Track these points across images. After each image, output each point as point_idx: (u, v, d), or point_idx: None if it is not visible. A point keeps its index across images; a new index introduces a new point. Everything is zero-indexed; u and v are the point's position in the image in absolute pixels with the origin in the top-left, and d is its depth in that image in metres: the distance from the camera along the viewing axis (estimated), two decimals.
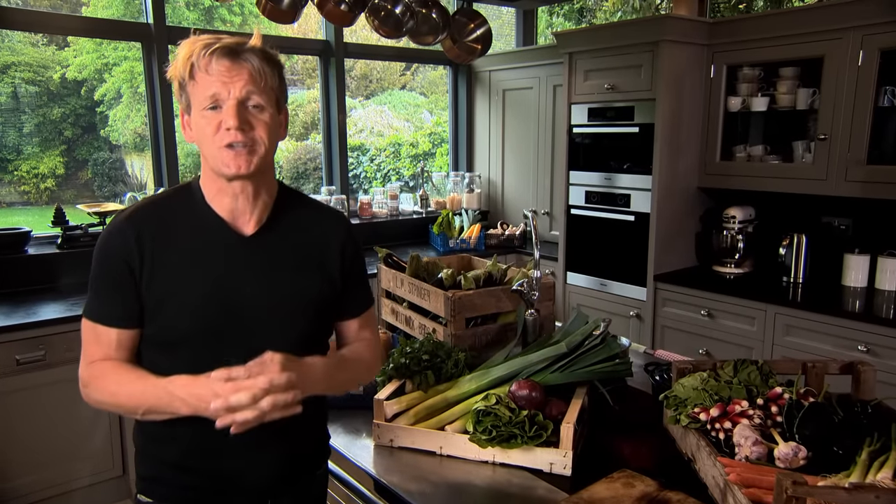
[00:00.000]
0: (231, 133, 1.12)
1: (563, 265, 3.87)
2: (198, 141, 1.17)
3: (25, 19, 3.23)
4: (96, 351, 1.20)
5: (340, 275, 1.31)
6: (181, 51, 1.14)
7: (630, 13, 7.58)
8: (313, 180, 6.82)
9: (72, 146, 7.19)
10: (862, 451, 1.18)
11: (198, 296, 1.17)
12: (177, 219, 1.20)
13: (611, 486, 1.29)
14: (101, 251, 1.19)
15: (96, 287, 1.20)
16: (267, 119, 1.16)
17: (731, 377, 1.43)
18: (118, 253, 1.16)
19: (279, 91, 1.19)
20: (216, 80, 1.12)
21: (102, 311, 1.19)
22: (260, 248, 1.22)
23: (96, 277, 1.20)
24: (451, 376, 1.61)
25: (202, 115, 1.14)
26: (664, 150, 3.28)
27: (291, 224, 1.27)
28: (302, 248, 1.27)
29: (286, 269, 1.24)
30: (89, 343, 1.21)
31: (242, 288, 1.19)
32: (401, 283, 2.08)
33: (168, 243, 1.18)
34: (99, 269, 1.19)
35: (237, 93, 1.12)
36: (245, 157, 1.14)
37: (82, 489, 2.82)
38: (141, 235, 1.16)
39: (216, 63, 1.12)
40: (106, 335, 1.19)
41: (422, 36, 3.80)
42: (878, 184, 2.81)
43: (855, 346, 2.70)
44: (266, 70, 1.15)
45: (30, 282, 3.12)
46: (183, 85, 1.15)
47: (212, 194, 1.21)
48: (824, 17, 2.88)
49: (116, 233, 1.17)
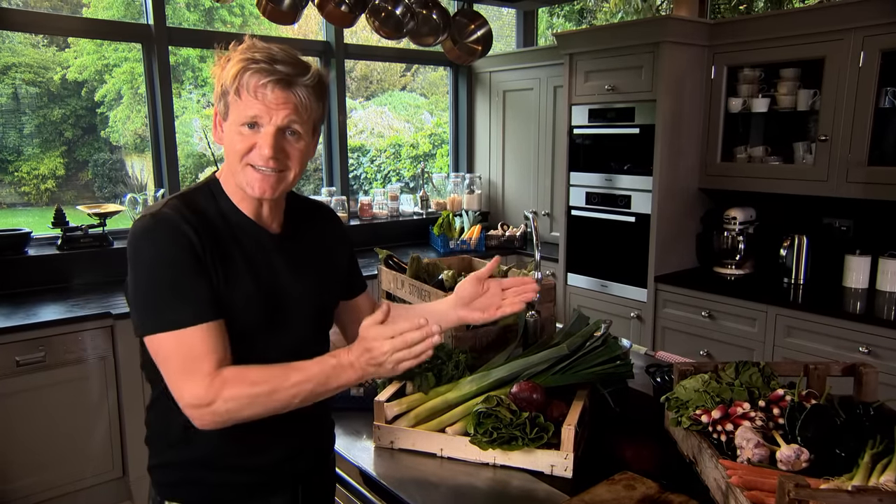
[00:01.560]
0: (264, 160, 1.11)
1: (564, 266, 3.86)
2: (226, 150, 1.15)
3: (26, 20, 3.23)
4: (203, 361, 1.06)
5: (347, 263, 1.40)
6: (234, 58, 1.10)
7: (631, 14, 7.58)
8: (313, 181, 6.82)
9: (72, 147, 7.19)
10: (864, 454, 1.17)
11: (252, 291, 1.15)
12: (211, 216, 1.17)
13: (612, 489, 1.28)
14: (160, 247, 1.08)
15: (171, 287, 1.07)
16: (302, 147, 1.16)
17: (732, 379, 1.43)
18: (183, 244, 1.08)
19: (319, 119, 1.19)
20: (261, 104, 1.10)
21: (191, 310, 1.07)
22: (287, 246, 1.25)
23: (168, 276, 1.07)
24: (451, 378, 1.61)
25: (238, 130, 1.12)
26: (665, 152, 3.28)
27: (302, 223, 1.31)
28: (316, 244, 1.32)
29: (310, 265, 1.28)
30: (184, 359, 1.06)
31: (282, 284, 1.21)
32: (401, 285, 2.07)
33: (215, 238, 1.14)
34: (169, 266, 1.08)
35: (279, 121, 1.11)
36: (271, 184, 1.14)
37: (82, 490, 2.82)
38: (195, 228, 1.10)
39: (269, 91, 1.09)
40: (202, 334, 1.07)
41: (422, 37, 3.80)
42: (878, 185, 2.81)
43: (856, 348, 2.69)
44: (312, 105, 1.14)
45: (30, 283, 3.12)
46: (226, 94, 1.12)
47: (236, 199, 1.20)
48: (825, 18, 2.88)
49: (175, 227, 1.09)
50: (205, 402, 1.05)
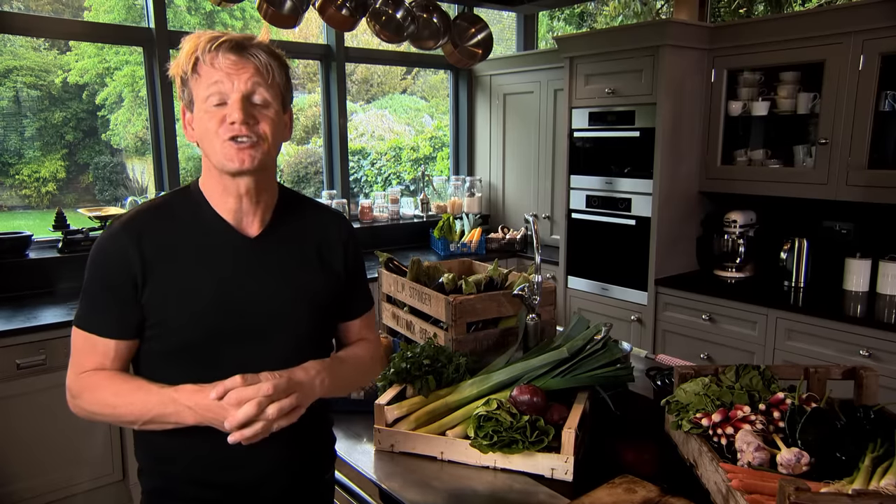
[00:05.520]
0: (235, 127, 1.10)
1: (564, 269, 3.86)
2: (200, 138, 1.14)
3: (27, 24, 3.24)
4: (89, 361, 1.16)
5: (344, 273, 1.31)
6: (185, 45, 1.12)
7: (631, 18, 7.59)
8: (314, 184, 6.83)
9: (73, 150, 7.19)
10: (865, 457, 1.17)
11: (205, 300, 1.14)
12: (179, 223, 1.18)
13: (612, 492, 1.28)
14: (97, 259, 1.15)
15: (92, 296, 1.16)
16: (272, 115, 1.14)
17: (732, 382, 1.43)
18: (116, 260, 1.13)
19: (285, 89, 1.18)
20: (221, 73, 1.10)
21: (98, 322, 1.15)
22: (265, 249, 1.21)
23: (91, 286, 1.16)
24: (452, 381, 1.61)
25: (205, 110, 1.12)
26: (665, 155, 3.29)
27: (294, 225, 1.26)
28: (306, 248, 1.26)
29: (292, 270, 1.23)
30: (81, 353, 1.17)
31: (250, 290, 1.17)
32: (402, 288, 2.07)
33: (171, 248, 1.15)
34: (94, 278, 1.15)
35: (242, 86, 1.10)
36: (249, 152, 1.12)
37: (82, 494, 2.81)
38: (141, 241, 1.13)
39: (222, 57, 1.10)
40: (102, 345, 1.15)
41: (423, 40, 3.80)
42: (879, 188, 2.81)
43: (856, 351, 2.69)
44: (273, 66, 1.13)
45: (31, 286, 3.12)
46: (185, 80, 1.13)
47: (215, 197, 1.19)
48: (825, 21, 2.89)
49: (113, 240, 1.14)
50: (73, 395, 1.17)
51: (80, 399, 1.16)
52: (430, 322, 1.94)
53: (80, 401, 1.16)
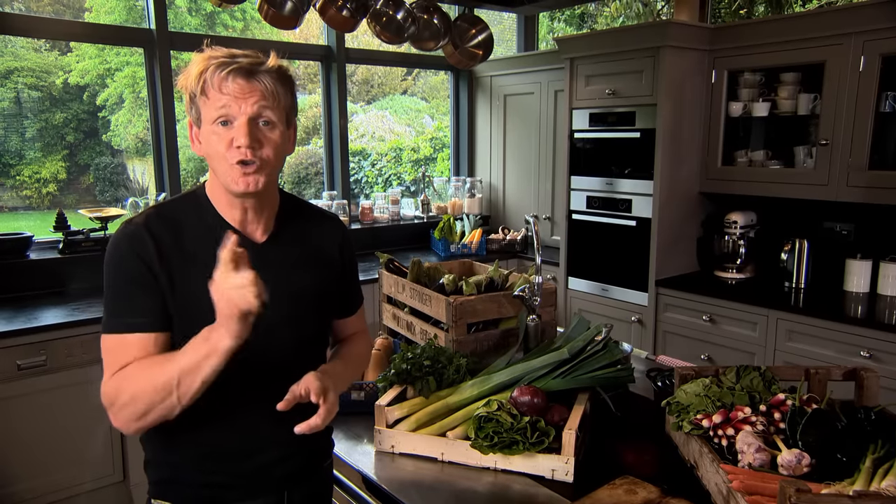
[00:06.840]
0: (242, 151, 1.13)
1: (565, 270, 3.86)
2: (207, 155, 1.18)
3: (28, 25, 3.24)
4: (123, 362, 1.12)
5: (342, 273, 1.39)
6: (194, 66, 1.14)
7: (631, 18, 7.59)
8: (315, 185, 6.83)
9: (74, 151, 7.20)
10: (866, 458, 1.17)
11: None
12: (189, 227, 1.20)
13: (613, 493, 1.28)
14: (115, 257, 1.15)
15: (116, 293, 1.14)
16: (276, 137, 1.17)
17: (733, 383, 1.43)
18: (140, 257, 1.13)
19: (290, 108, 1.21)
20: (229, 97, 1.12)
21: (135, 318, 1.13)
22: (272, 254, 1.25)
23: (115, 283, 1.14)
24: (452, 382, 1.61)
25: (213, 129, 1.14)
26: (665, 156, 3.29)
27: (296, 230, 1.31)
28: (308, 252, 1.32)
29: (298, 274, 1.27)
30: (113, 357, 1.13)
31: None
32: (402, 289, 2.07)
33: (185, 251, 1.17)
34: (116, 275, 1.15)
35: (249, 109, 1.13)
36: (254, 177, 1.15)
37: (83, 494, 2.81)
38: (159, 243, 1.15)
39: (231, 82, 1.12)
40: (135, 343, 1.12)
41: (423, 41, 3.80)
42: (879, 189, 2.81)
43: (857, 352, 2.69)
44: (279, 91, 1.16)
45: (31, 287, 3.12)
46: (193, 98, 1.16)
47: (222, 205, 1.22)
48: (825, 22, 2.89)
49: (134, 238, 1.15)
50: (110, 402, 1.10)
51: (118, 400, 1.09)
52: (430, 323, 1.94)
53: (117, 404, 1.09)
